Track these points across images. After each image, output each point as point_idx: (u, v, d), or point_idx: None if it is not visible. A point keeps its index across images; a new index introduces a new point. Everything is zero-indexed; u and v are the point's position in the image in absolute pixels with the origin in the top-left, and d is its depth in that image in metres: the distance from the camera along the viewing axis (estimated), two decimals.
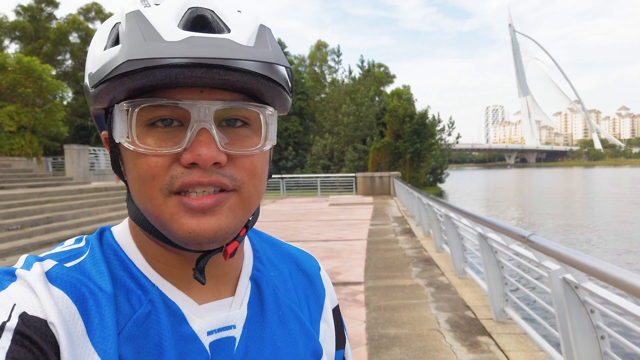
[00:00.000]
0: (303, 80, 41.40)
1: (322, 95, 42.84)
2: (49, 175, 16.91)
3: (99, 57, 0.51)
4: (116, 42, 0.51)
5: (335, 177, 28.82)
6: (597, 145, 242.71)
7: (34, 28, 31.53)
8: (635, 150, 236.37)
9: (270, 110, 0.54)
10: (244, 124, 0.53)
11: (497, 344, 3.78)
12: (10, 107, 18.02)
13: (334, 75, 45.77)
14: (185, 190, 0.50)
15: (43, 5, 32.77)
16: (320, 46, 48.48)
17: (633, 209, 22.44)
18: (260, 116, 0.53)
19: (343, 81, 42.47)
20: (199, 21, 0.50)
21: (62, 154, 21.61)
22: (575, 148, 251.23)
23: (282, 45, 41.39)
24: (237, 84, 0.49)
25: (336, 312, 0.73)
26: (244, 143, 0.52)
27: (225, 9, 0.52)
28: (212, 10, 0.51)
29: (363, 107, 34.35)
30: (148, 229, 0.54)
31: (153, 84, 0.47)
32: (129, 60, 0.46)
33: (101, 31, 0.55)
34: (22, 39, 31.74)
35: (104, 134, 0.58)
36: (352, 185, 26.06)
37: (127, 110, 0.49)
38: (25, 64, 18.06)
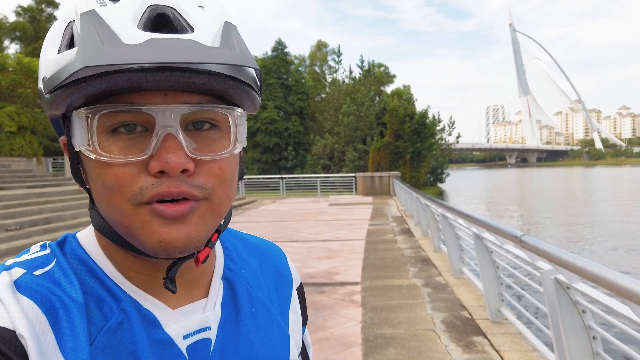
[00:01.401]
0: (303, 80, 41.40)
1: (323, 95, 42.83)
2: (49, 175, 16.96)
3: (54, 61, 0.48)
4: (71, 43, 0.48)
5: (335, 177, 28.79)
6: (598, 145, 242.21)
7: (34, 29, 31.48)
8: (636, 149, 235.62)
9: (239, 111, 0.52)
10: (212, 126, 0.51)
11: (491, 344, 3.78)
12: (10, 107, 18.02)
13: (334, 75, 45.70)
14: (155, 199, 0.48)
15: (43, 5, 32.74)
16: (320, 46, 48.42)
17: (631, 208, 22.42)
18: (229, 118, 0.51)
19: (343, 81, 42.41)
20: (160, 20, 0.47)
21: (62, 154, 21.65)
22: (576, 148, 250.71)
23: (282, 45, 41.36)
24: (204, 86, 0.47)
25: (300, 290, 0.75)
26: (213, 147, 0.50)
27: (187, 6, 0.49)
28: (173, 8, 0.48)
29: (363, 107, 34.31)
30: (114, 238, 0.52)
31: (113, 89, 0.45)
32: (86, 67, 0.43)
33: (53, 31, 0.52)
34: (22, 39, 31.72)
35: (62, 139, 0.55)
36: (352, 185, 26.02)
37: (87, 117, 0.47)
38: (26, 64, 18.04)
